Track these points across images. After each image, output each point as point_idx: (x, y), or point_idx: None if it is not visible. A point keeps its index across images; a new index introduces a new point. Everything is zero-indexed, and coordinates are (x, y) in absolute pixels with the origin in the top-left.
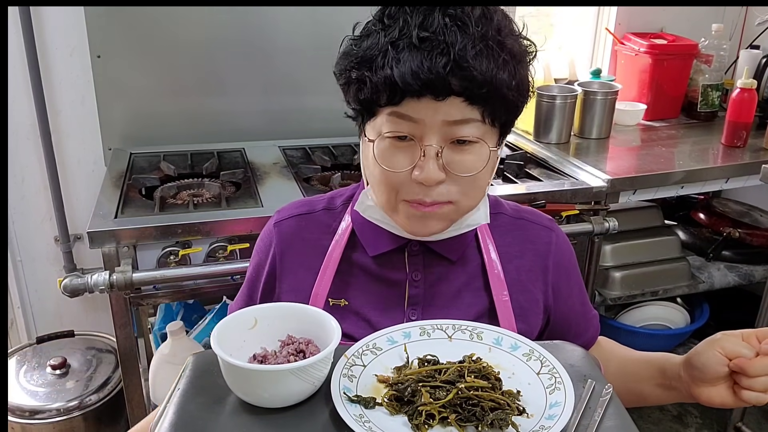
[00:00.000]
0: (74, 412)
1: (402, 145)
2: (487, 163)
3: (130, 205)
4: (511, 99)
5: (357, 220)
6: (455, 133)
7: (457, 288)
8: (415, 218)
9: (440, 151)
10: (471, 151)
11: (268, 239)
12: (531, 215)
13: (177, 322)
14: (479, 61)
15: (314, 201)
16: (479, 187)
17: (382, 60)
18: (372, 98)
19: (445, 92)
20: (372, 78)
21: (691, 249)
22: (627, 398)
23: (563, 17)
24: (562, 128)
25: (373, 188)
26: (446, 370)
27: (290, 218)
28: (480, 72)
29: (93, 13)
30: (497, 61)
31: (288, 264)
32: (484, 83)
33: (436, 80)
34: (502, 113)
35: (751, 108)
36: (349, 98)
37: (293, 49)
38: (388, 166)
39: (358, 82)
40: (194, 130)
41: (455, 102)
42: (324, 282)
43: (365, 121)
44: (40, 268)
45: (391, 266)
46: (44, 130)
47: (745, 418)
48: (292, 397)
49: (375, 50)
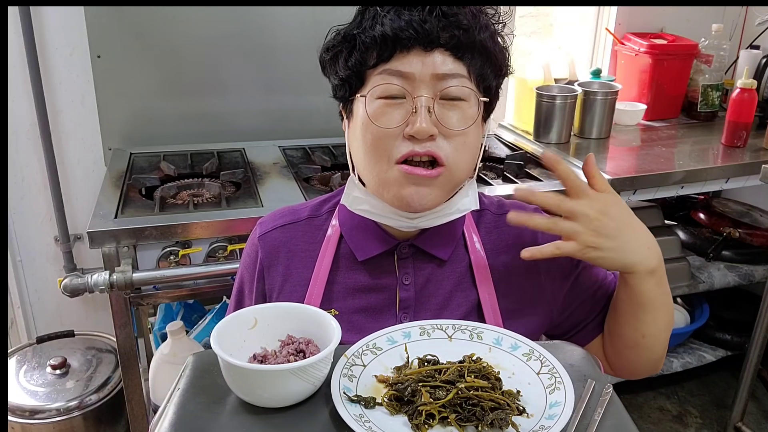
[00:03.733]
0: (74, 412)
1: (393, 104)
2: (475, 122)
3: (130, 205)
4: (494, 57)
5: (345, 224)
6: (445, 90)
7: (447, 289)
8: (407, 182)
9: (431, 106)
10: (460, 108)
11: (253, 254)
12: (514, 208)
13: (177, 322)
14: (463, 15)
15: (297, 209)
16: (469, 151)
17: (371, 21)
18: (362, 59)
19: (434, 42)
20: (362, 37)
21: (691, 249)
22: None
23: (563, 17)
24: (562, 128)
25: (363, 164)
26: (446, 370)
27: (274, 230)
28: (465, 21)
29: (93, 13)
30: (478, 20)
31: (276, 278)
32: (468, 33)
33: (426, 28)
34: (487, 71)
35: (751, 108)
36: (337, 68)
37: (293, 49)
38: (380, 124)
39: (347, 47)
40: (194, 130)
41: (443, 54)
42: (315, 292)
43: (353, 91)
44: (40, 268)
45: (381, 271)
46: (44, 130)
47: (745, 418)
48: (292, 397)
49: (364, 20)
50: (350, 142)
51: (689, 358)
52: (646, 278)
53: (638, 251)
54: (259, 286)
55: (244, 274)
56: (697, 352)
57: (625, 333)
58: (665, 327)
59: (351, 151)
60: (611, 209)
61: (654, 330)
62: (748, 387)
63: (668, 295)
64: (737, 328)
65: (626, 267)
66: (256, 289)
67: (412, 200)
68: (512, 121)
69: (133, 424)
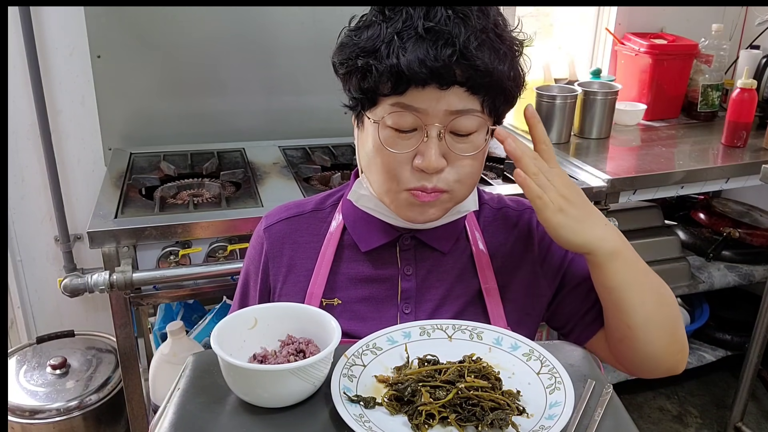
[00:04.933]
0: (74, 412)
1: (405, 135)
2: (482, 149)
3: (130, 205)
4: (509, 89)
5: (349, 216)
6: (457, 122)
7: (449, 280)
8: (415, 206)
9: (442, 132)
10: (470, 137)
11: (258, 245)
12: (513, 203)
13: (177, 322)
14: (482, 51)
15: (302, 203)
16: (473, 176)
17: (387, 49)
18: (376, 87)
19: (450, 81)
20: (377, 66)
21: (691, 249)
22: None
23: (563, 17)
24: (562, 128)
25: (371, 176)
26: (446, 370)
27: (279, 222)
28: (483, 62)
29: (93, 13)
30: (498, 53)
31: (280, 268)
32: (486, 73)
33: (442, 68)
34: (500, 103)
35: (751, 108)
36: (349, 87)
37: (293, 49)
38: (392, 149)
39: (362, 71)
40: (194, 130)
41: (458, 91)
42: (318, 282)
43: (365, 109)
44: (40, 268)
45: (383, 262)
46: (44, 130)
47: (745, 418)
48: (292, 397)
49: (378, 41)
50: (359, 150)
51: (689, 358)
52: (611, 259)
53: (597, 226)
54: (263, 277)
55: (249, 266)
56: (697, 352)
57: (613, 326)
58: (655, 316)
59: (360, 156)
60: (572, 184)
61: (639, 320)
62: (748, 387)
63: (648, 283)
64: (737, 328)
65: (587, 242)
66: (261, 280)
67: (416, 219)
68: (512, 121)
69: (133, 424)
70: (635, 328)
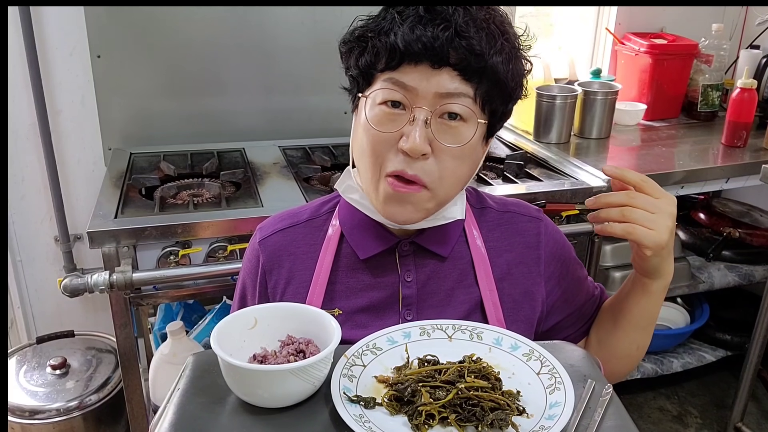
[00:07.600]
0: (74, 412)
1: (393, 112)
2: (469, 142)
3: (130, 205)
4: (504, 83)
5: (346, 223)
6: (445, 106)
7: (449, 285)
8: (393, 199)
9: (429, 118)
10: (458, 127)
11: (254, 258)
12: (518, 207)
13: (177, 322)
14: (479, 36)
15: (297, 212)
16: (457, 176)
17: (388, 26)
18: (371, 62)
19: (442, 60)
20: (374, 41)
21: (691, 249)
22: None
23: (563, 17)
24: (562, 128)
25: (360, 164)
26: (446, 370)
27: (274, 234)
28: (478, 46)
29: (93, 13)
30: (495, 43)
31: (279, 281)
32: (480, 57)
33: (436, 46)
34: (494, 96)
35: (751, 108)
36: (349, 64)
37: (293, 49)
38: (378, 129)
39: (360, 46)
40: (194, 130)
41: (450, 74)
42: (317, 293)
43: (360, 90)
44: (40, 268)
45: (383, 269)
46: (44, 130)
47: (745, 418)
48: (292, 397)
49: (383, 22)
50: (352, 140)
51: (689, 358)
52: (665, 290)
53: (672, 255)
54: (261, 291)
55: (246, 279)
56: (697, 352)
57: (622, 345)
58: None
59: (352, 146)
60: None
61: (646, 341)
62: (748, 387)
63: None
64: (737, 328)
65: (665, 273)
66: (259, 294)
67: (395, 218)
68: (512, 121)
69: (133, 424)
70: (641, 349)
